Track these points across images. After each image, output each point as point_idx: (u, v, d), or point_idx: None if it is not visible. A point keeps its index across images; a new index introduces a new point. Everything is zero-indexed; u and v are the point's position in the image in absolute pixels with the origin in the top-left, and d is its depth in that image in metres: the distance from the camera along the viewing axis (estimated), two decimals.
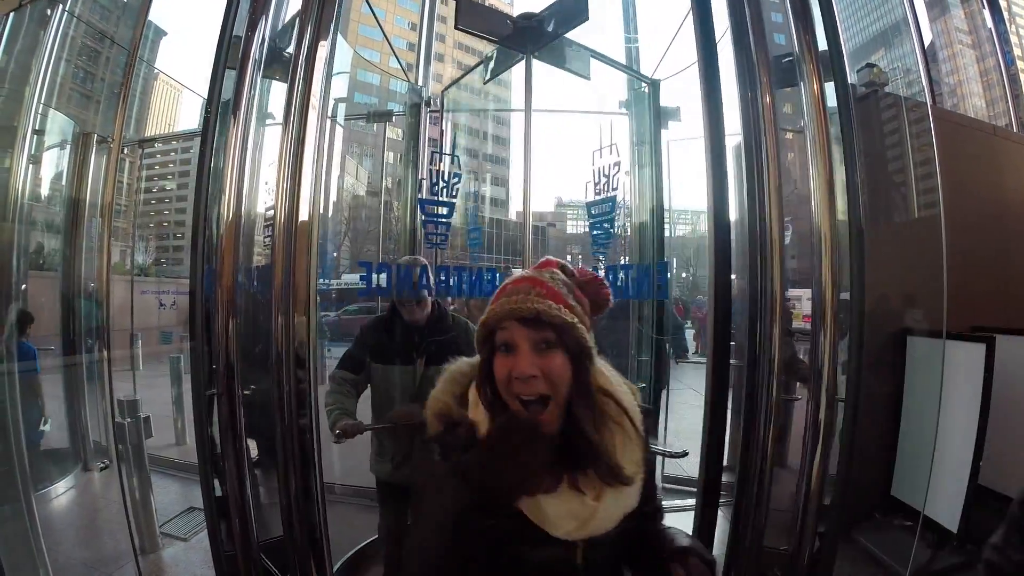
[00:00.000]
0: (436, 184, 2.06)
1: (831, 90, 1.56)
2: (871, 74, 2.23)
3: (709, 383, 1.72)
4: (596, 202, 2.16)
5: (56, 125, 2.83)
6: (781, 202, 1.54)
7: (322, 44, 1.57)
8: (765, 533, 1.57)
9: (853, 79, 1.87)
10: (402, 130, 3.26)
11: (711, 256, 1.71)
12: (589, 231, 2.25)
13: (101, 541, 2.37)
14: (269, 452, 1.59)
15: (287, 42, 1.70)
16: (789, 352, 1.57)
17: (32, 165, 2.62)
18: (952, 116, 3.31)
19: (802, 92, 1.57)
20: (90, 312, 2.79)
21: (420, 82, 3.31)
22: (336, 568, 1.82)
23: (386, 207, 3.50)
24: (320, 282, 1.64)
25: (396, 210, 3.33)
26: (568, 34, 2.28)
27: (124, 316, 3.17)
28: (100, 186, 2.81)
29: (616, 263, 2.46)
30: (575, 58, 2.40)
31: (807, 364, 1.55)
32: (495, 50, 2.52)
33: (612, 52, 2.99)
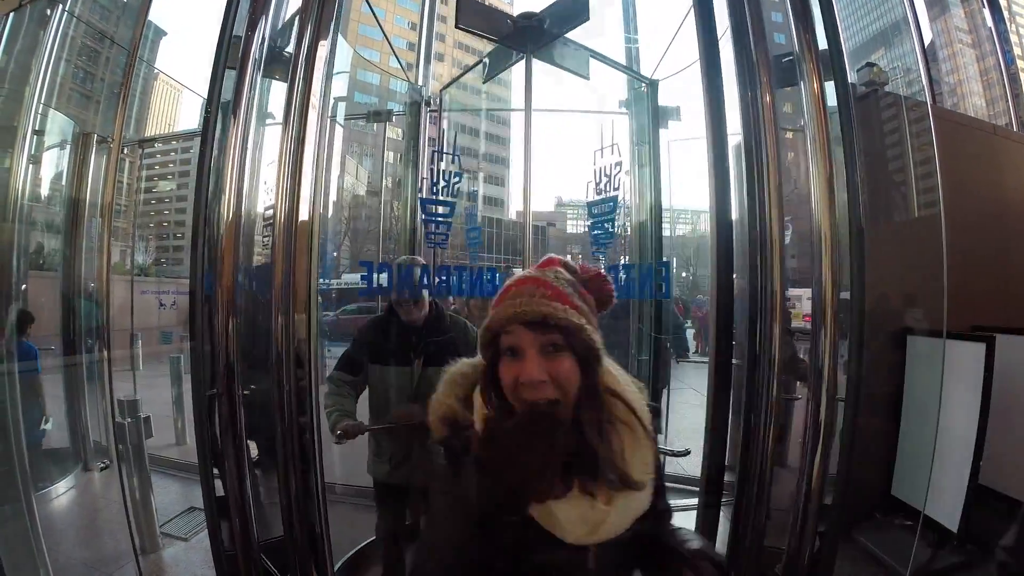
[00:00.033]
0: (437, 183, 2.06)
1: (831, 89, 1.56)
2: (871, 73, 2.23)
3: (711, 382, 1.72)
4: (597, 202, 2.16)
5: (56, 125, 2.83)
6: (781, 202, 1.54)
7: (322, 44, 1.57)
8: (765, 533, 1.57)
9: (853, 78, 1.87)
10: (402, 130, 3.26)
11: (713, 255, 1.71)
12: (590, 231, 2.25)
13: (101, 541, 2.37)
14: (269, 452, 1.59)
15: (287, 42, 1.70)
16: (789, 352, 1.57)
17: (32, 165, 2.62)
18: (952, 115, 3.30)
19: (802, 91, 1.56)
20: (90, 312, 2.80)
21: (420, 82, 3.31)
22: (336, 568, 1.82)
23: (386, 207, 3.49)
24: (320, 282, 1.64)
25: (396, 210, 3.33)
26: (567, 34, 2.29)
27: (124, 316, 3.17)
28: (100, 186, 2.81)
29: (616, 263, 2.46)
30: (574, 57, 2.40)
31: (807, 363, 1.55)
32: (494, 50, 2.52)
33: (612, 52, 3.00)
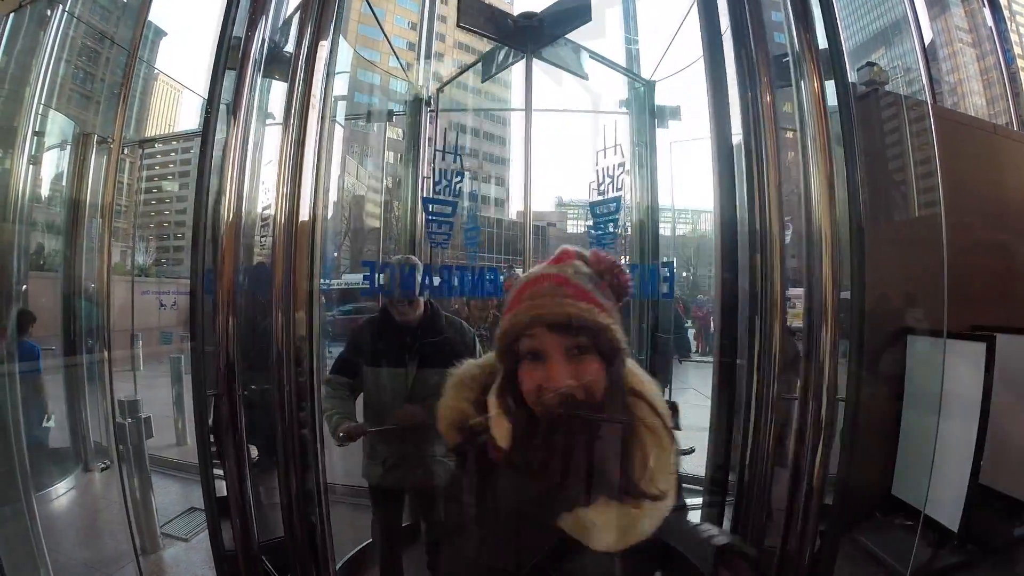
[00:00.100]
0: (439, 183, 2.06)
1: (831, 89, 1.56)
2: (871, 73, 2.23)
3: (715, 381, 1.72)
4: (600, 202, 2.16)
5: (56, 126, 2.84)
6: (781, 202, 1.54)
7: (322, 44, 1.57)
8: (765, 533, 1.57)
9: (853, 78, 1.87)
10: (402, 130, 3.26)
11: (717, 255, 1.71)
12: (593, 231, 2.25)
13: (102, 541, 2.37)
14: (269, 452, 1.59)
15: (287, 42, 1.70)
16: (791, 352, 1.57)
17: (32, 166, 2.62)
18: (952, 114, 3.30)
19: (802, 91, 1.56)
20: (90, 313, 2.80)
21: (420, 82, 3.31)
22: (336, 568, 1.82)
23: (386, 207, 3.50)
24: (321, 282, 1.64)
25: (396, 210, 3.33)
26: (567, 34, 2.29)
27: (125, 316, 3.18)
28: (100, 187, 2.81)
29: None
30: (572, 57, 2.40)
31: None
32: (492, 49, 2.52)
33: (612, 52, 3.00)
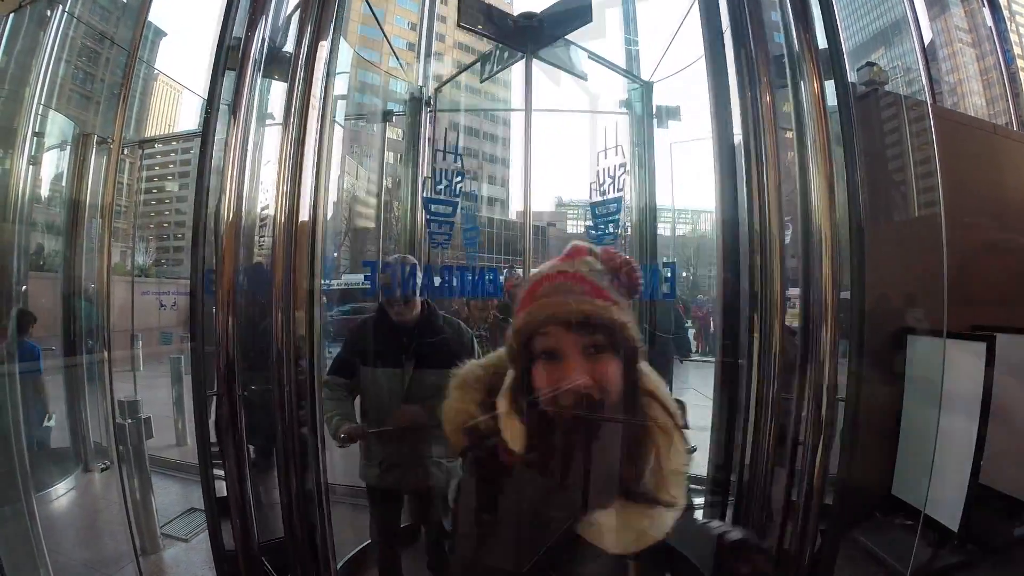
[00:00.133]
0: (439, 183, 2.05)
1: (831, 89, 1.56)
2: (871, 73, 2.23)
3: (717, 381, 1.72)
4: (601, 202, 2.16)
5: (56, 126, 2.84)
6: (781, 202, 1.54)
7: (322, 44, 1.57)
8: (766, 533, 1.57)
9: (853, 78, 1.87)
10: (402, 130, 3.26)
11: (719, 255, 1.71)
12: (593, 231, 2.25)
13: (102, 542, 2.37)
14: (266, 453, 1.59)
15: (287, 42, 1.70)
16: (792, 352, 1.57)
17: (32, 166, 2.62)
18: (952, 114, 3.30)
19: (802, 91, 1.56)
20: (90, 313, 2.80)
21: (420, 82, 3.31)
22: (336, 568, 1.82)
23: (386, 207, 3.50)
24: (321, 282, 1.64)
25: (396, 210, 3.33)
26: (567, 34, 2.29)
27: (124, 317, 3.18)
28: (100, 187, 2.81)
29: None
30: (570, 58, 2.40)
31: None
32: (491, 49, 2.52)
33: (611, 53, 3.00)
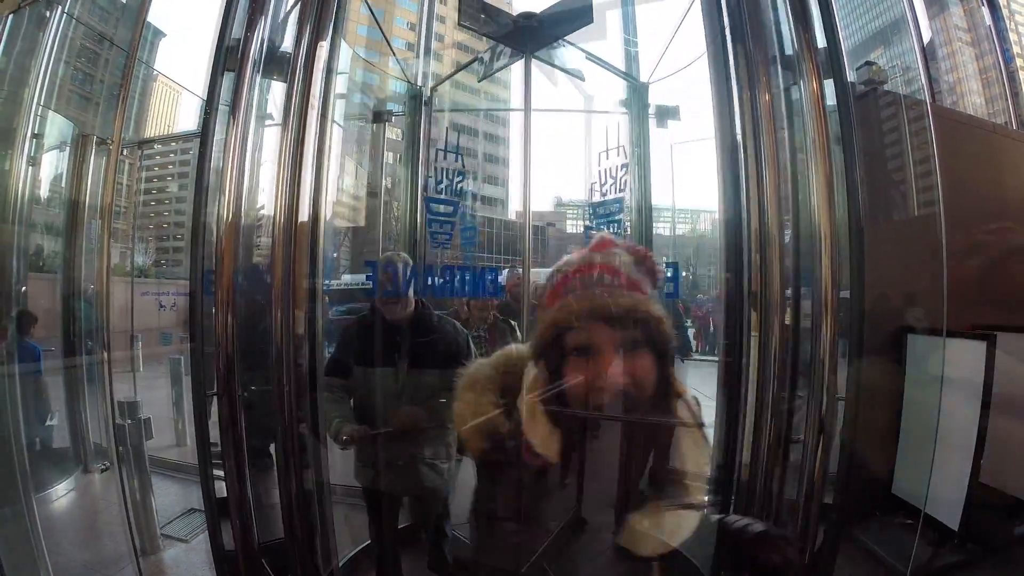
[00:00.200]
0: (440, 183, 2.06)
1: (830, 88, 1.56)
2: (870, 72, 2.23)
3: (720, 380, 1.72)
4: (602, 203, 2.17)
5: (55, 127, 2.83)
6: (781, 202, 1.54)
7: (321, 44, 1.57)
8: None
9: (852, 77, 1.87)
10: (401, 130, 3.26)
11: (721, 254, 1.71)
12: (595, 231, 2.25)
13: (101, 543, 2.37)
14: (263, 453, 1.59)
15: (286, 42, 1.70)
16: (791, 351, 1.57)
17: (31, 167, 2.62)
18: (951, 114, 3.30)
19: (801, 90, 1.56)
20: (89, 314, 2.80)
21: (419, 82, 3.31)
22: (336, 568, 1.82)
23: (386, 207, 3.49)
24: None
25: (396, 210, 3.33)
26: (567, 35, 2.29)
27: (124, 317, 3.17)
28: (99, 188, 2.81)
29: None
30: (568, 58, 2.40)
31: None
32: (490, 49, 2.52)
33: (609, 53, 3.00)
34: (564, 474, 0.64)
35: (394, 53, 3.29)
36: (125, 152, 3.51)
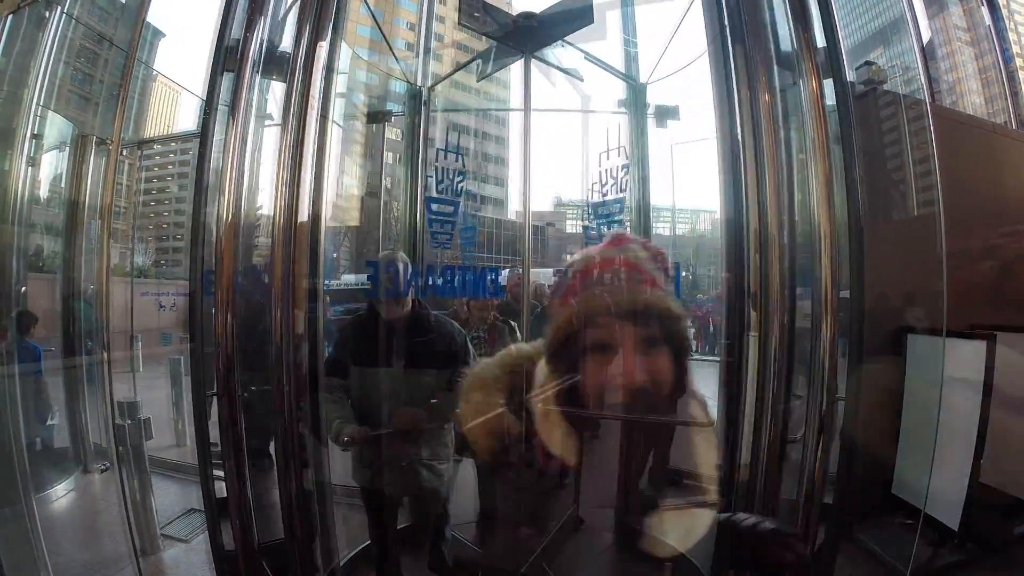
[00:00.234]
0: (441, 182, 2.06)
1: (830, 88, 1.56)
2: (870, 72, 2.23)
3: (722, 381, 1.72)
4: (603, 203, 2.17)
5: (55, 127, 2.83)
6: (780, 202, 1.54)
7: (321, 44, 1.57)
8: None
9: (852, 77, 1.87)
10: (401, 130, 3.26)
11: (723, 254, 1.71)
12: (595, 231, 2.26)
13: (101, 543, 2.37)
14: (262, 454, 1.59)
15: (286, 42, 1.70)
16: (791, 351, 1.57)
17: (31, 167, 2.62)
18: (951, 113, 3.30)
19: (801, 90, 1.56)
20: (89, 314, 2.80)
21: (419, 82, 3.31)
22: (336, 568, 1.82)
23: (385, 208, 3.49)
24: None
25: (396, 210, 3.33)
26: (567, 35, 2.29)
27: (124, 318, 3.17)
28: (99, 188, 2.81)
29: None
30: (568, 58, 2.40)
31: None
32: (488, 48, 2.52)
33: (608, 53, 3.00)
34: (577, 474, 0.63)
35: (394, 53, 3.29)
36: (125, 152, 3.51)
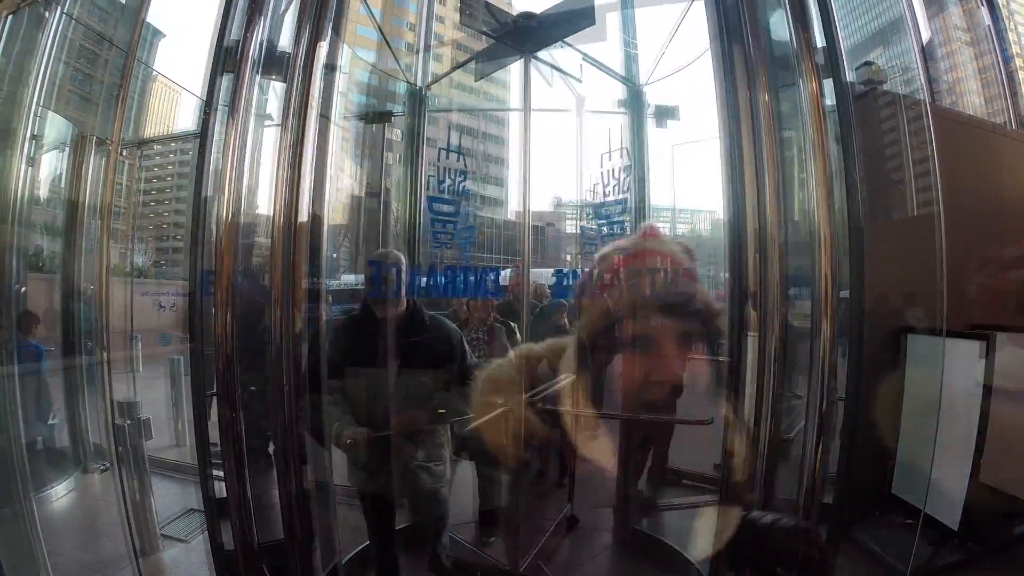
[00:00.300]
0: (442, 182, 2.06)
1: (829, 88, 1.56)
2: (869, 72, 2.23)
3: (726, 380, 1.72)
4: (604, 204, 2.17)
5: (54, 128, 2.83)
6: (780, 202, 1.54)
7: (320, 44, 1.57)
8: None
9: (851, 77, 1.87)
10: (400, 130, 3.26)
11: (725, 255, 1.71)
12: (596, 232, 2.26)
13: (101, 543, 2.36)
14: (262, 454, 1.59)
15: (286, 42, 1.70)
16: (790, 351, 1.57)
17: (30, 168, 2.62)
18: (950, 113, 3.30)
19: (800, 90, 1.56)
20: (88, 314, 2.80)
21: (418, 82, 3.31)
22: (336, 568, 1.82)
23: (385, 208, 3.49)
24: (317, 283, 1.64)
25: (396, 210, 3.33)
26: (567, 36, 2.29)
27: (123, 318, 3.17)
28: (99, 188, 2.81)
29: None
30: (568, 59, 2.41)
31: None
32: (487, 48, 2.52)
33: (608, 54, 3.00)
34: (604, 476, 0.61)
35: (393, 53, 3.29)
36: (124, 152, 3.50)
